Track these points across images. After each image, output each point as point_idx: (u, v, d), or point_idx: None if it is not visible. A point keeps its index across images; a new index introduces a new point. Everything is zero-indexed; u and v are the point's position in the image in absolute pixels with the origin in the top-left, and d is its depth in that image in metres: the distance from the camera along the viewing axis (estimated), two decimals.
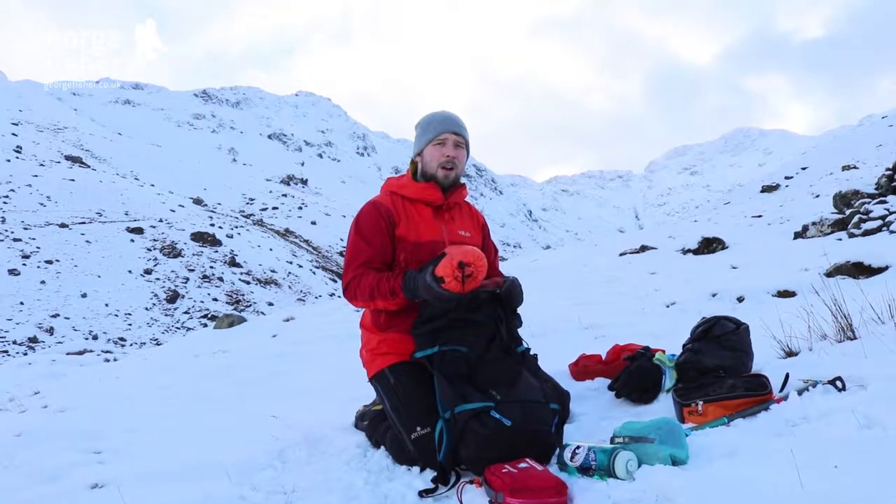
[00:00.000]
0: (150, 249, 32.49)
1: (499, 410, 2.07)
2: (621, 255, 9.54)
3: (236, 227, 43.09)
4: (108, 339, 23.66)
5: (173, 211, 40.67)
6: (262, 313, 25.14)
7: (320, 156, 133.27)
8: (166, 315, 27.18)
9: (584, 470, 1.87)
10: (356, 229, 2.53)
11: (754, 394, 2.16)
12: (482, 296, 2.33)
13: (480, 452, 2.01)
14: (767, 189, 24.37)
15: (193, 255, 33.38)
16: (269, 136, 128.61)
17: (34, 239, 29.75)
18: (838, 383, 2.07)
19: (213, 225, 39.73)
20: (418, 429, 2.20)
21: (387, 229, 2.49)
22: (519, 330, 2.48)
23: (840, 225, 7.39)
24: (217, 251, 34.79)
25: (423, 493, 1.98)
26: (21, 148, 45.32)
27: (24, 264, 27.39)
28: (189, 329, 24.62)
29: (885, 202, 7.07)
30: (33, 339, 22.34)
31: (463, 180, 2.71)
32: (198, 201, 49.83)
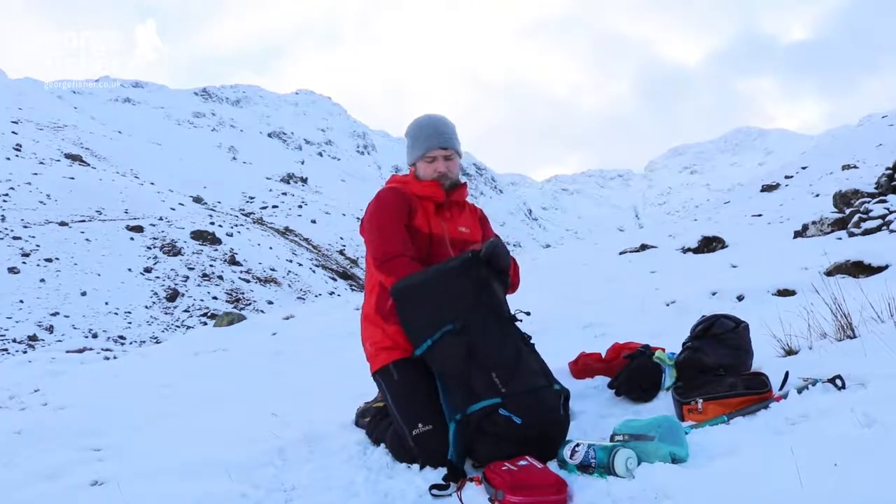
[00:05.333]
0: (149, 248, 32.45)
1: (507, 407, 2.06)
2: (621, 253, 9.56)
3: (236, 225, 43.05)
4: (108, 338, 23.64)
5: (173, 209, 40.60)
6: (262, 312, 25.14)
7: (320, 154, 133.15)
8: (166, 313, 27.16)
9: (584, 468, 1.87)
10: (384, 211, 2.56)
11: (754, 392, 2.16)
12: (453, 261, 2.31)
13: (494, 451, 2.01)
14: (767, 188, 24.39)
15: (193, 253, 33.34)
16: (269, 135, 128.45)
17: (34, 237, 29.70)
18: (838, 382, 2.07)
19: (212, 223, 39.68)
20: (420, 426, 2.20)
21: (406, 214, 2.56)
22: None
23: (840, 224, 7.40)
24: (217, 249, 34.75)
25: (434, 489, 1.98)
26: (21, 146, 45.23)
27: (23, 262, 27.35)
28: (189, 327, 24.58)
29: (885, 201, 7.08)
30: (33, 338, 22.33)
31: (463, 179, 2.76)
32: (198, 199, 49.75)
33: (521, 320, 2.38)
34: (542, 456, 2.01)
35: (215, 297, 29.59)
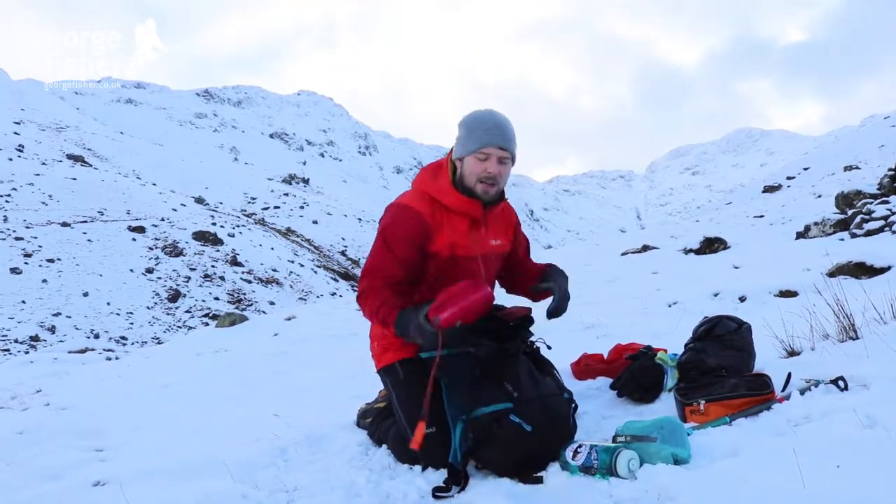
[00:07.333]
0: (151, 248, 32.50)
1: (518, 413, 2.07)
2: (623, 254, 9.56)
3: (238, 226, 43.09)
4: (110, 338, 23.67)
5: (175, 210, 40.66)
6: (264, 312, 25.16)
7: (322, 155, 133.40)
8: (168, 314, 27.19)
9: (586, 469, 1.87)
10: (384, 238, 2.31)
11: (756, 393, 2.16)
12: (504, 329, 2.33)
13: (502, 458, 2.02)
14: (769, 189, 24.40)
15: (195, 254, 33.38)
16: (271, 136, 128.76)
17: (36, 238, 29.77)
18: (840, 383, 2.07)
19: (214, 224, 39.73)
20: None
21: (420, 244, 2.30)
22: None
23: (842, 225, 7.38)
24: (219, 250, 34.78)
25: (437, 491, 1.98)
26: (23, 147, 45.35)
27: (25, 263, 27.41)
28: (190, 328, 24.61)
29: (887, 202, 7.06)
30: (35, 338, 22.35)
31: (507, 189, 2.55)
32: (199, 200, 49.80)
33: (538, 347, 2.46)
34: (544, 459, 2.02)
35: (217, 298, 29.62)
